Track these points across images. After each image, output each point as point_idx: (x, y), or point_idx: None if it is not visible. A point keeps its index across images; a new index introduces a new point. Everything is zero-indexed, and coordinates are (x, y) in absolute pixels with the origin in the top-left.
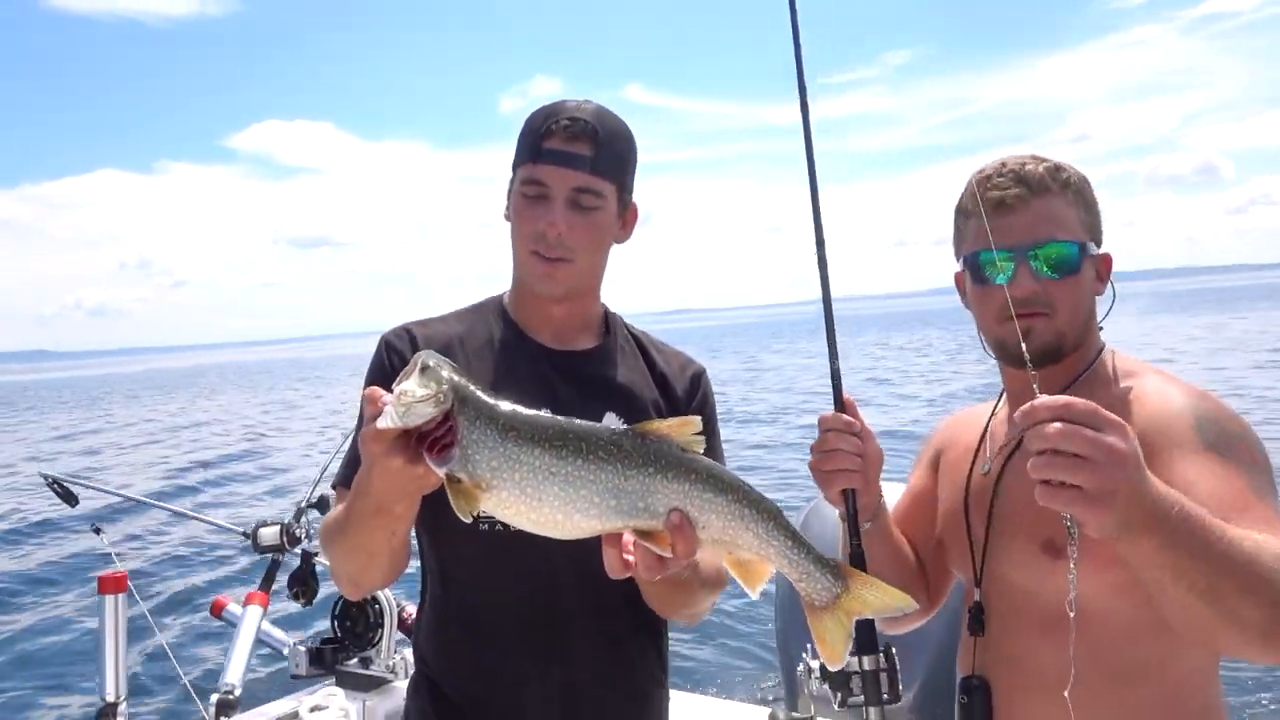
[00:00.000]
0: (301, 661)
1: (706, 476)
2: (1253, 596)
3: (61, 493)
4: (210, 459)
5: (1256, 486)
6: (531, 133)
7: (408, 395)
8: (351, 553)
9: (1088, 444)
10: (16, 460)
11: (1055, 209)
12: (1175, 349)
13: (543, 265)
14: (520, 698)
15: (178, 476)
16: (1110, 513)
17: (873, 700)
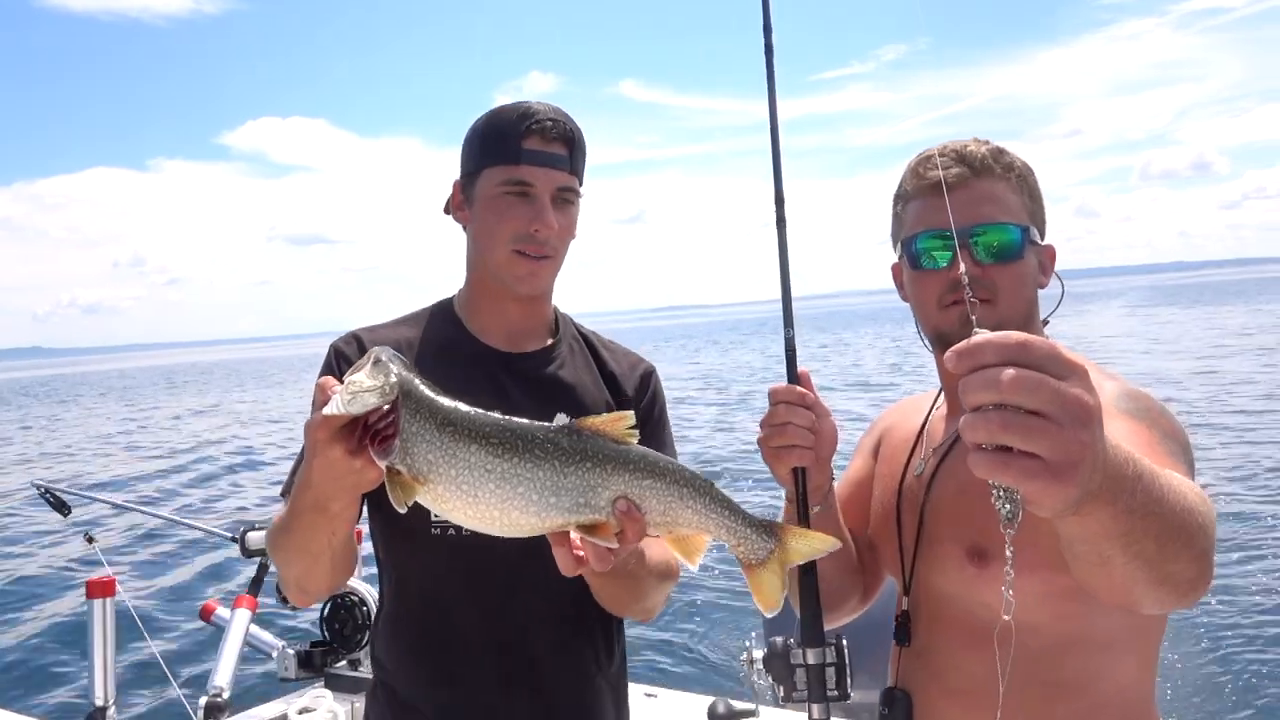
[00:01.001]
0: (290, 664)
1: (643, 465)
2: (1191, 551)
3: (54, 502)
4: (201, 460)
5: (1166, 445)
6: (504, 134)
7: (355, 385)
8: (295, 554)
9: (1052, 397)
10: (7, 463)
11: (997, 191)
12: (1173, 340)
13: (527, 264)
14: (478, 702)
15: (168, 478)
16: (1075, 486)
17: (816, 696)
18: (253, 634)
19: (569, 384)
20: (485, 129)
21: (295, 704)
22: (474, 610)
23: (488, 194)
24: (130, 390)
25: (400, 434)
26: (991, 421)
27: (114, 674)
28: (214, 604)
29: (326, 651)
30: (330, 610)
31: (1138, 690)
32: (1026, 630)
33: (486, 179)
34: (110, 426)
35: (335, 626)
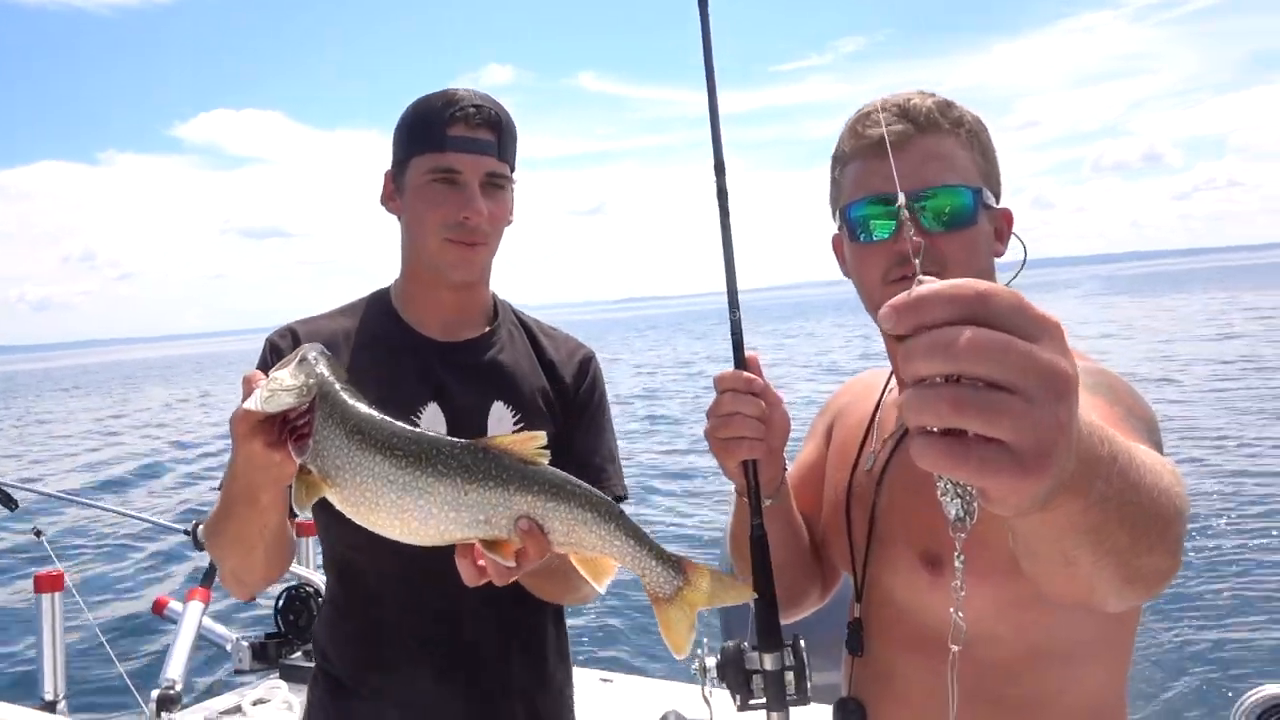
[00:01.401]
0: (244, 656)
1: (547, 486)
2: (1165, 541)
3: (1, 498)
4: (154, 454)
5: (1129, 422)
6: (429, 122)
7: (276, 382)
8: (229, 546)
9: (1021, 364)
10: None
11: (945, 148)
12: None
13: (459, 251)
14: (417, 690)
15: (118, 472)
16: (1048, 479)
17: (775, 704)
18: (206, 627)
19: (506, 372)
20: (411, 118)
21: (249, 695)
22: (413, 600)
23: (416, 183)
24: (83, 385)
25: (314, 435)
26: (941, 399)
27: (64, 668)
28: (166, 598)
29: (281, 643)
30: (285, 602)
31: (1106, 701)
32: (983, 642)
33: (414, 168)
34: (59, 422)
35: (290, 618)
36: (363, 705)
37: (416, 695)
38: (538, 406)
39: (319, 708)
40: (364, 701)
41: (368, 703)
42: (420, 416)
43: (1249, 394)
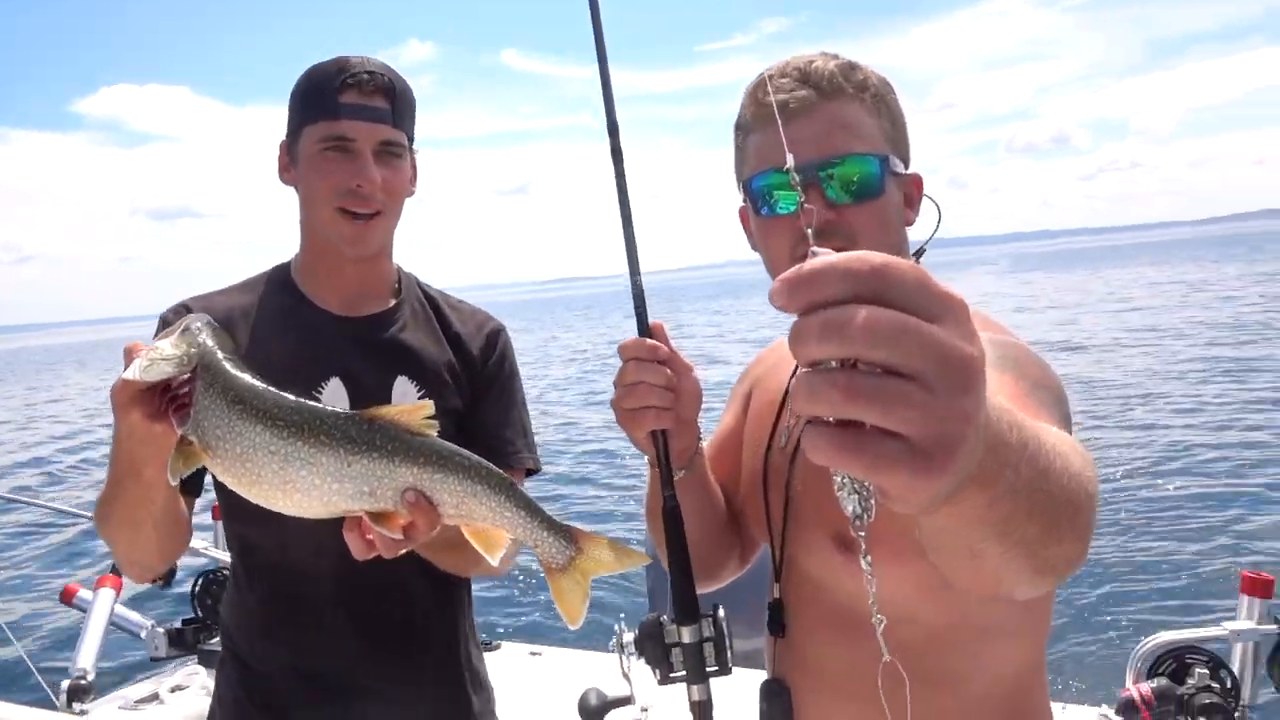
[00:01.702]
0: (160, 643)
1: (434, 458)
2: (1076, 528)
3: None
4: (60, 442)
5: (1037, 396)
6: (320, 89)
7: (156, 352)
8: (118, 525)
9: (922, 348)
10: None
11: (850, 115)
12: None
13: (353, 224)
14: (319, 664)
15: (22, 462)
16: (951, 475)
17: (695, 677)
18: (119, 614)
19: (410, 347)
20: (304, 85)
21: (167, 683)
22: (320, 577)
23: (308, 152)
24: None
25: (194, 405)
26: (834, 386)
27: None
28: (75, 586)
29: (199, 628)
30: (201, 586)
31: (1025, 676)
32: (901, 622)
33: (307, 137)
34: None
35: (208, 602)
36: (268, 681)
37: (321, 669)
38: (443, 381)
39: (227, 688)
40: (269, 678)
41: (273, 679)
42: (322, 393)
43: (1149, 359)
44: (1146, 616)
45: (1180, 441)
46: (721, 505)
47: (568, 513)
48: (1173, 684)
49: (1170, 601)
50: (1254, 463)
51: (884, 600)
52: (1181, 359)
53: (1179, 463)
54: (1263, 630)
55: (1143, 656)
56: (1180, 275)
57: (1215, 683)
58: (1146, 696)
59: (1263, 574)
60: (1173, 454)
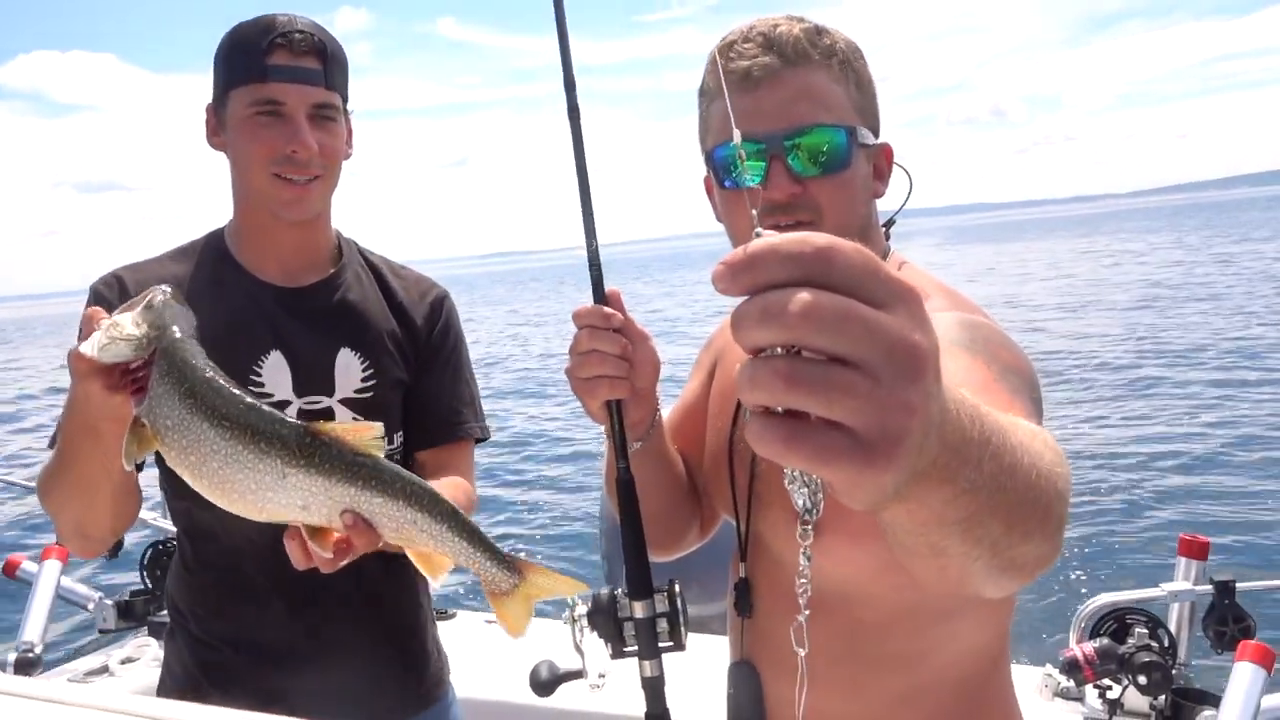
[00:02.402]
0: (109, 616)
1: (373, 481)
2: (1045, 528)
3: None
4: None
5: (1009, 381)
6: (247, 51)
7: (116, 329)
8: (70, 490)
9: (865, 336)
10: None
11: (816, 83)
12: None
13: (290, 189)
14: (266, 636)
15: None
16: (897, 470)
17: (647, 652)
18: (65, 587)
19: (352, 316)
20: (229, 46)
21: (116, 655)
22: (263, 551)
23: (239, 116)
24: None
25: (149, 391)
26: (775, 374)
27: None
28: (18, 558)
29: (148, 600)
30: (151, 557)
31: (986, 657)
32: (859, 602)
33: (236, 100)
34: None
35: (157, 574)
36: (217, 653)
37: (268, 640)
38: (387, 350)
39: (177, 663)
40: (217, 649)
41: (221, 651)
42: (262, 366)
43: (1088, 325)
44: (1088, 579)
45: (1122, 407)
46: (682, 475)
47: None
48: (1114, 643)
49: (1111, 564)
50: (1193, 429)
51: (843, 580)
52: (1121, 323)
53: (1121, 429)
54: (1198, 590)
55: (1085, 617)
56: (1115, 245)
57: (1154, 641)
58: (1089, 655)
59: (1199, 537)
60: (1114, 419)
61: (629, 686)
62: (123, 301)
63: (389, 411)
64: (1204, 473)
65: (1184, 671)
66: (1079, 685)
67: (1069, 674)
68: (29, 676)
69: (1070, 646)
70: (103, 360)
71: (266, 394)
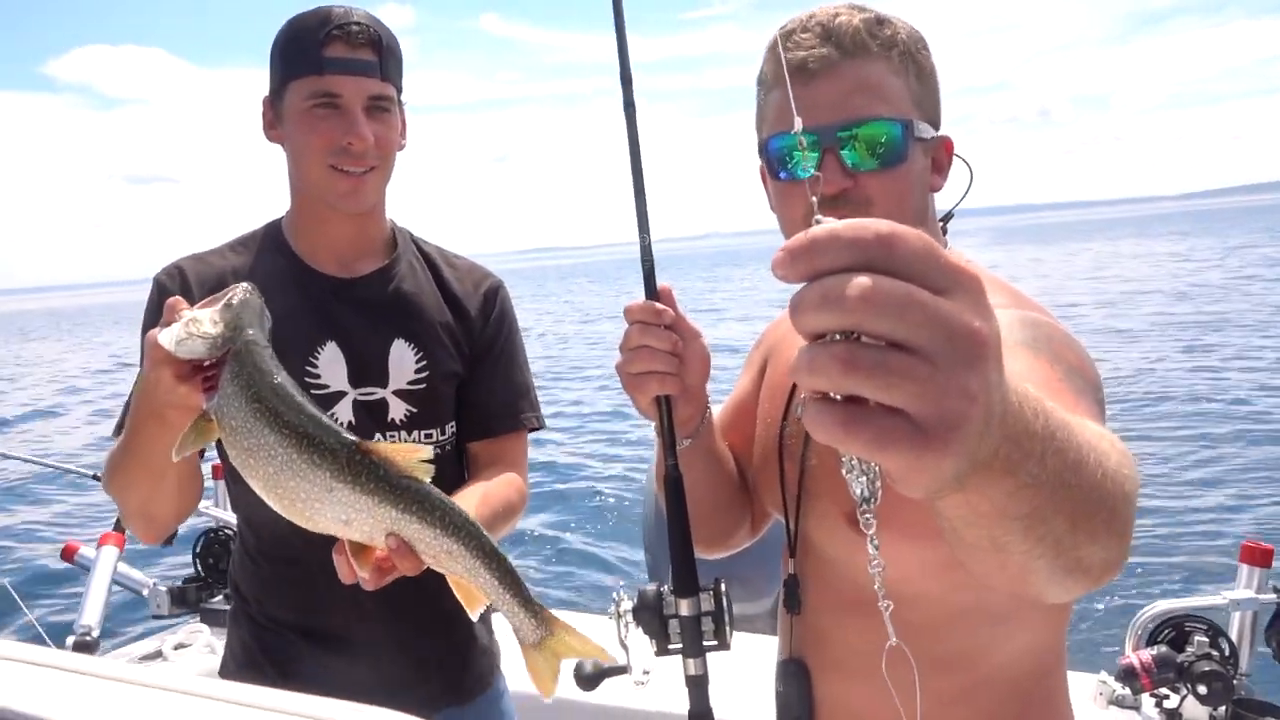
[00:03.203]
0: (163, 602)
1: (414, 506)
2: (1112, 531)
3: None
4: (52, 402)
5: (1073, 382)
6: (304, 43)
7: (194, 324)
8: (136, 474)
9: (926, 321)
10: None
11: (873, 76)
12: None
13: (346, 181)
14: (333, 620)
15: (14, 422)
16: (956, 457)
17: (691, 650)
18: (121, 572)
19: (407, 307)
20: (286, 39)
21: (170, 640)
22: (322, 541)
23: (296, 109)
24: None
25: (219, 390)
26: (834, 358)
27: None
28: (76, 544)
29: (201, 587)
30: (204, 545)
31: (1040, 660)
32: (911, 601)
33: (294, 93)
34: None
35: (210, 561)
36: (278, 637)
37: (326, 627)
38: (441, 342)
39: (240, 646)
40: (278, 634)
41: (282, 635)
42: (319, 358)
43: (1138, 325)
44: (1146, 584)
45: (1183, 410)
46: (733, 473)
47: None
48: (1172, 651)
49: (1170, 570)
50: (1256, 434)
51: (896, 580)
52: (1182, 329)
53: (1182, 431)
54: (1261, 599)
55: (1142, 624)
56: (1169, 248)
57: (1214, 650)
58: (1146, 663)
59: (1261, 543)
60: (1175, 423)
61: (674, 684)
62: (183, 293)
63: (442, 403)
64: (1268, 479)
65: (1245, 682)
66: (1135, 694)
67: (1125, 682)
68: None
69: (1126, 654)
70: (178, 355)
71: (322, 385)
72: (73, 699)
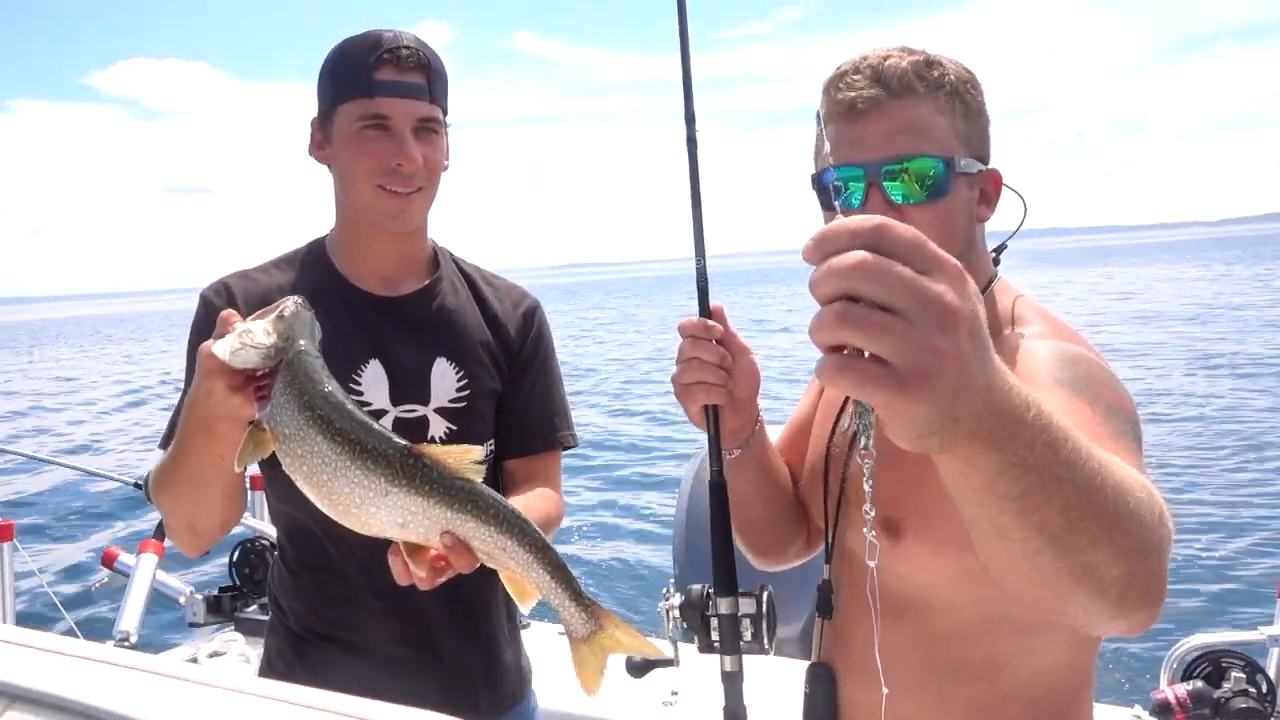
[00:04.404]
0: (199, 610)
1: (468, 505)
2: (1117, 543)
3: None
4: (96, 410)
5: (1112, 424)
6: (355, 66)
7: (248, 335)
8: (184, 485)
9: (902, 288)
10: None
11: (919, 115)
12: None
13: (394, 201)
14: (368, 635)
15: (61, 430)
16: (926, 403)
17: (728, 648)
18: (159, 580)
19: (449, 326)
20: (336, 62)
21: (205, 648)
22: (361, 554)
23: (346, 131)
24: (7, 341)
25: (272, 399)
26: (833, 313)
27: (14, 620)
28: (117, 550)
29: (236, 596)
30: (240, 555)
31: (1066, 676)
32: (941, 610)
33: (343, 115)
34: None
35: (245, 571)
36: (320, 654)
37: (363, 642)
38: (482, 362)
39: (278, 655)
40: (315, 647)
41: (319, 648)
42: (361, 376)
43: (1184, 357)
44: (1181, 620)
45: (1221, 445)
46: (787, 487)
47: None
48: (1208, 687)
49: (1206, 604)
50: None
51: (926, 587)
52: (1218, 357)
53: (1220, 463)
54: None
55: (1178, 658)
56: (1203, 271)
57: (1251, 687)
58: (1181, 698)
59: None
60: (1214, 454)
61: (711, 682)
62: (229, 307)
63: (481, 420)
64: None
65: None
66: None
67: (1159, 716)
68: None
69: (1161, 688)
70: (232, 364)
71: (364, 403)
72: (130, 693)
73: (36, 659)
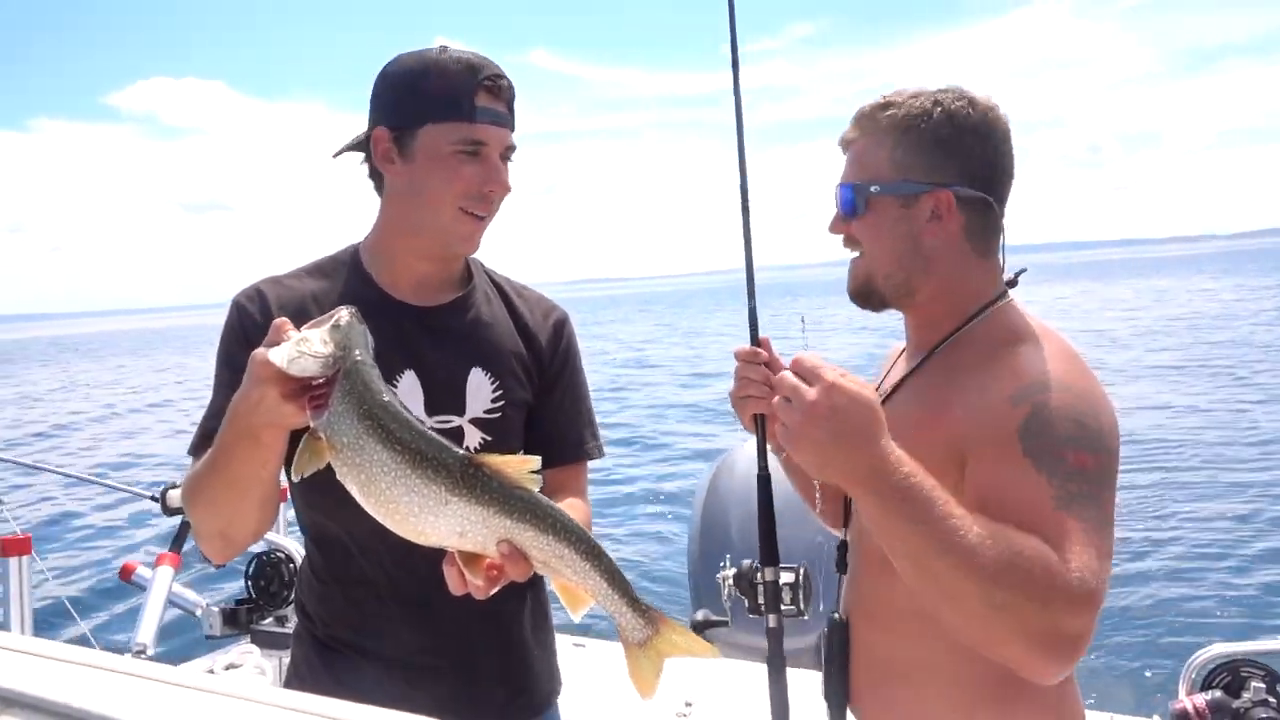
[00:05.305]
0: (215, 622)
1: (527, 514)
2: (966, 598)
3: None
4: (113, 424)
5: (1066, 491)
6: (456, 89)
7: (305, 344)
8: (222, 492)
9: (789, 391)
10: None
11: (862, 149)
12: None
13: (472, 224)
14: (395, 643)
15: (83, 444)
16: (801, 454)
17: (771, 608)
18: (175, 592)
19: (483, 337)
20: (429, 81)
21: (221, 660)
22: (389, 563)
23: (436, 151)
24: (23, 356)
25: (330, 407)
26: (772, 402)
27: (32, 631)
28: (134, 563)
29: (252, 609)
30: (256, 568)
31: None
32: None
33: (434, 135)
34: (5, 391)
35: (261, 584)
36: (346, 662)
37: (390, 651)
38: (515, 373)
39: (304, 664)
40: (343, 656)
41: (347, 657)
42: (397, 386)
43: (1187, 369)
44: (1200, 628)
45: (1239, 455)
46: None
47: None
48: (1227, 697)
49: (1225, 614)
50: None
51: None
52: (1231, 368)
53: (1238, 472)
54: None
55: (1196, 668)
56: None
57: (1271, 697)
58: (1200, 709)
59: None
60: (1233, 464)
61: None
62: (262, 315)
63: (514, 431)
64: None
65: None
66: None
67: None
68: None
69: (1180, 698)
70: (290, 372)
71: None
72: (149, 704)
73: (55, 670)
